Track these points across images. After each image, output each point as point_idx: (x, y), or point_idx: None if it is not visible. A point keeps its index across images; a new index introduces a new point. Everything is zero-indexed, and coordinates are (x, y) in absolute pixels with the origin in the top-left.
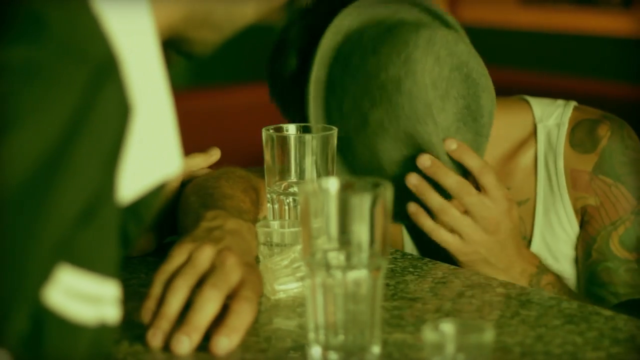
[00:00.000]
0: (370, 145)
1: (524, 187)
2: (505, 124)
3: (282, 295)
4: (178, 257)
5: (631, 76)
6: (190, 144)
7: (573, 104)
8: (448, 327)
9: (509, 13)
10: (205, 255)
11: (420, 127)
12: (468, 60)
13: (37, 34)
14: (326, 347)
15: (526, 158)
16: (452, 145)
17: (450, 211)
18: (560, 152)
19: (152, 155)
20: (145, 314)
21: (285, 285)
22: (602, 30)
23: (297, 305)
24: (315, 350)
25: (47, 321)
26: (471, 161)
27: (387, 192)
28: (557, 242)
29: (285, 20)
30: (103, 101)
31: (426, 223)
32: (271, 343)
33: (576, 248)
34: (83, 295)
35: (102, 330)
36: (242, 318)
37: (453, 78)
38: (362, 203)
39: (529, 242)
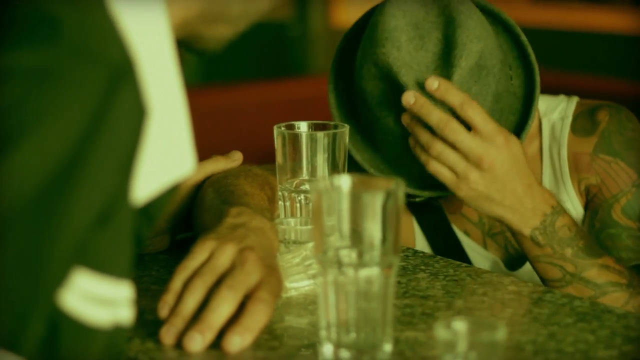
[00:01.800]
0: (359, 91)
1: None
2: None
3: (293, 293)
4: (200, 254)
5: None
6: (202, 142)
7: (576, 98)
8: (460, 325)
9: (519, 11)
10: (227, 255)
11: (379, 50)
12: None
13: (51, 37)
14: (338, 345)
15: (531, 151)
16: (433, 84)
17: (437, 146)
18: (564, 142)
19: (166, 156)
20: (163, 308)
21: (297, 282)
22: (612, 28)
23: (308, 303)
24: (327, 348)
25: (63, 325)
26: (453, 98)
27: (400, 190)
28: None
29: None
30: (119, 104)
31: (422, 156)
32: (282, 341)
33: None
34: (98, 298)
35: (116, 331)
36: (256, 319)
37: (438, 22)
38: (374, 200)
39: None
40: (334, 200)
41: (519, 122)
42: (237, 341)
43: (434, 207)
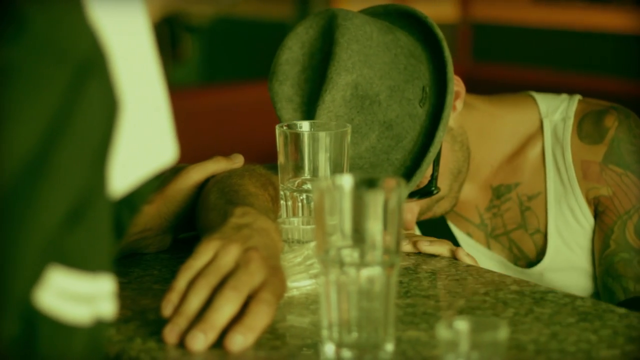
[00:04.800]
0: None
1: (534, 182)
2: (512, 121)
3: (295, 292)
4: (204, 254)
5: None
6: (203, 141)
7: (577, 97)
8: (462, 325)
9: (521, 11)
10: (231, 256)
11: (269, 83)
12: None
13: (17, 34)
14: (339, 345)
15: (534, 153)
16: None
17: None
18: (567, 145)
19: (146, 146)
20: (167, 307)
21: (299, 282)
22: (613, 28)
23: (310, 303)
24: (329, 348)
25: (40, 324)
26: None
27: (402, 189)
28: (572, 234)
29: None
30: (87, 99)
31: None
32: (284, 340)
33: (592, 239)
34: (76, 295)
35: (97, 326)
36: (259, 319)
37: (324, 53)
38: (376, 200)
39: (544, 235)
40: (336, 199)
41: (420, 149)
42: (239, 340)
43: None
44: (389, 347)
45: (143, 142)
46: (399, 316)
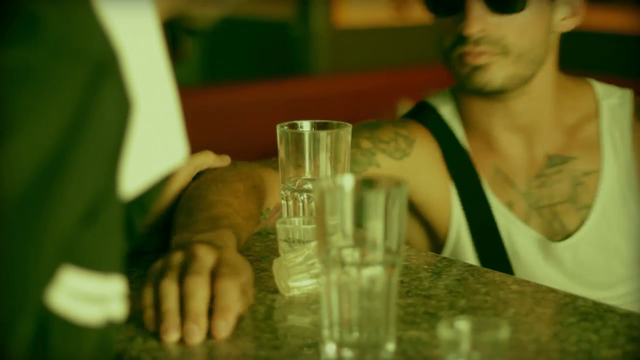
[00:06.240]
0: None
1: (590, 159)
2: (574, 96)
3: (296, 293)
4: (154, 268)
5: None
6: (204, 141)
7: (629, 90)
8: (463, 325)
9: None
10: (177, 256)
11: None
12: None
13: (32, 35)
14: (340, 344)
15: (591, 131)
16: None
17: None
18: (627, 127)
19: (156, 147)
20: (149, 324)
21: (300, 282)
22: (615, 28)
23: (311, 303)
24: (330, 348)
25: (52, 324)
26: None
27: (403, 189)
28: (617, 214)
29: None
30: (102, 100)
31: None
32: (285, 340)
33: (637, 225)
34: (88, 295)
35: (108, 327)
36: (228, 296)
37: None
38: (377, 200)
39: (589, 210)
40: (337, 199)
41: None
42: (222, 325)
43: (474, 178)
44: (390, 346)
45: (154, 142)
46: (400, 316)
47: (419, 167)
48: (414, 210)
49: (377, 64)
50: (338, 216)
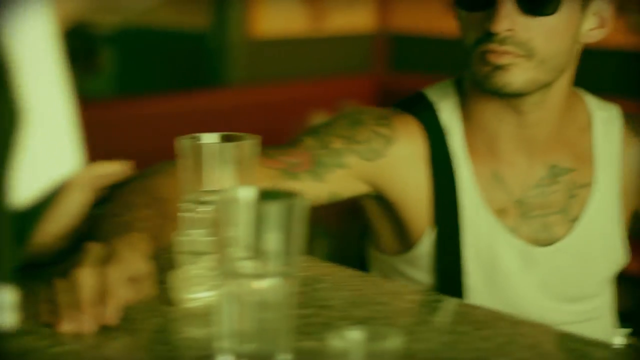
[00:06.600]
0: None
1: (585, 171)
2: (573, 109)
3: (194, 304)
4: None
5: None
6: (117, 152)
7: (617, 105)
8: (354, 334)
9: None
10: (75, 256)
11: None
12: None
13: None
14: (236, 356)
15: (586, 143)
16: None
17: None
18: (616, 142)
19: (48, 156)
20: (44, 316)
21: (197, 293)
22: (621, 45)
23: (208, 314)
24: (225, 359)
25: None
26: None
27: (301, 201)
28: (601, 230)
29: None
30: None
31: None
32: (180, 352)
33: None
34: None
35: None
36: (108, 281)
37: None
38: (274, 212)
39: (577, 222)
40: (236, 211)
41: None
42: (101, 310)
43: (461, 182)
44: (285, 357)
45: (45, 153)
46: (297, 326)
47: (397, 167)
48: (388, 208)
49: (294, 75)
50: (236, 228)
